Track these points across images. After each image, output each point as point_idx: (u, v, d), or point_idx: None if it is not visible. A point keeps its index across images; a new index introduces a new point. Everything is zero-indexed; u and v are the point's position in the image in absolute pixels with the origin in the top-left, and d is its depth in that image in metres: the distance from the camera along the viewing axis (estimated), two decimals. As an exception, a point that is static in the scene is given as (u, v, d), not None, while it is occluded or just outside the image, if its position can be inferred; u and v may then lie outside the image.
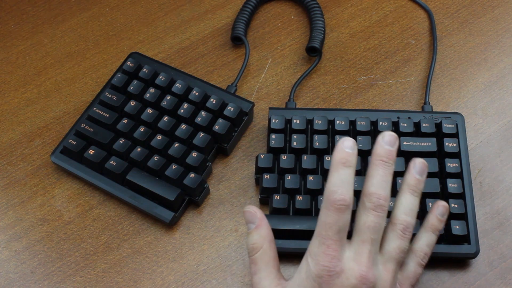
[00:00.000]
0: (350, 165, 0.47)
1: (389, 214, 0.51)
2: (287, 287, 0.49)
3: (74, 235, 0.61)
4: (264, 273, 0.49)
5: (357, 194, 0.60)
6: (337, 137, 0.62)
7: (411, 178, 0.51)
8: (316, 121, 0.63)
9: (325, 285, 0.46)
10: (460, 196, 0.59)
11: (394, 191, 0.59)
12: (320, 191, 0.59)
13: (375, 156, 0.49)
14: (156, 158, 0.61)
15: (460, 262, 0.58)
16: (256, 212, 0.51)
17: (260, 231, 0.50)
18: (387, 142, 0.49)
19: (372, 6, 0.76)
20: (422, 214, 0.58)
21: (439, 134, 0.62)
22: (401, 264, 0.50)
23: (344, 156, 0.47)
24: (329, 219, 0.46)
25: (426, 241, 0.52)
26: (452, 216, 0.57)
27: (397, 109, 0.68)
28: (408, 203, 0.50)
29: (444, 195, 0.59)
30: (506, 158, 0.64)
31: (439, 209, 0.53)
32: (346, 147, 0.47)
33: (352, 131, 0.63)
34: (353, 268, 0.46)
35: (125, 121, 0.64)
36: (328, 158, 0.61)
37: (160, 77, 0.66)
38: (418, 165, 0.51)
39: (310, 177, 0.60)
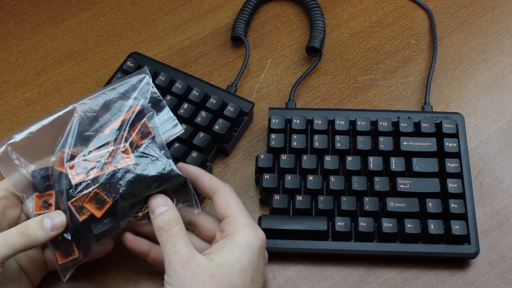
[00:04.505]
0: None
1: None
2: None
3: (74, 235, 0.61)
4: (185, 241, 0.49)
5: (358, 193, 0.60)
6: (337, 137, 0.62)
7: None
8: (316, 121, 0.63)
9: None
10: (460, 196, 0.59)
11: (395, 191, 0.59)
12: (320, 191, 0.59)
13: None
14: (156, 158, 0.61)
15: (460, 262, 0.58)
16: (167, 198, 0.51)
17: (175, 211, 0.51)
18: None
19: (372, 6, 0.76)
20: (422, 214, 0.58)
21: (439, 134, 0.62)
22: None
23: None
24: None
25: None
26: (452, 216, 0.57)
27: (397, 109, 0.68)
28: None
29: (444, 195, 0.59)
30: (506, 158, 0.64)
31: None
32: None
33: (352, 131, 0.63)
34: None
35: (125, 121, 0.63)
36: (328, 158, 0.61)
37: (160, 77, 0.66)
38: None
39: (310, 177, 0.60)
